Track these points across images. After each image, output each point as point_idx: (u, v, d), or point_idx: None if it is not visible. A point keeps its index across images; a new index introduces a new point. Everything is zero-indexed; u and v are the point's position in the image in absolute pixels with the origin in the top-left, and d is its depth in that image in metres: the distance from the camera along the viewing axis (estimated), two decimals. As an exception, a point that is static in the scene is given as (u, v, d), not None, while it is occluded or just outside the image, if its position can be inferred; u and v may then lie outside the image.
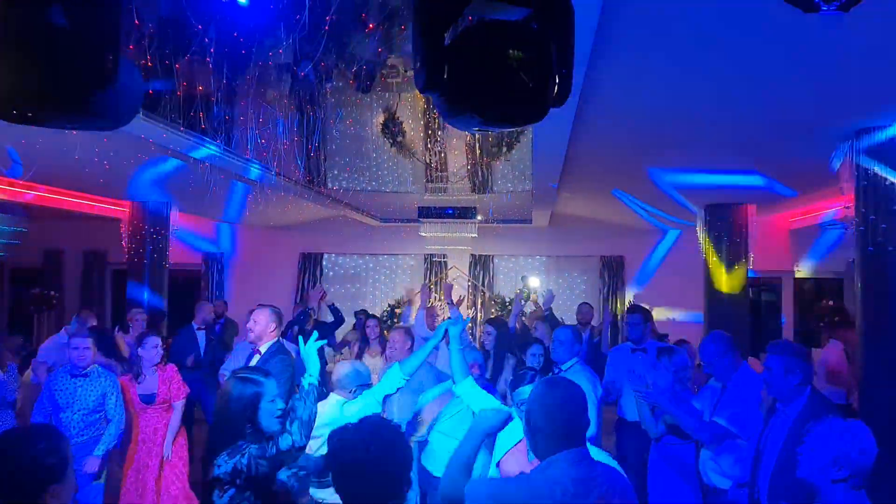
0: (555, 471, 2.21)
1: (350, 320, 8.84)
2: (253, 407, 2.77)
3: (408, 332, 5.58)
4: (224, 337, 8.42)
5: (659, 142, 5.57)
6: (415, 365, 3.77)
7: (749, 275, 8.68)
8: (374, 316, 8.07)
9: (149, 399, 5.30)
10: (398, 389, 3.76)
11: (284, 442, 2.76)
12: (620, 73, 4.01)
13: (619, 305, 11.99)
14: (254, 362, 4.51)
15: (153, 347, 5.34)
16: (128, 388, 5.29)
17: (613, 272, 12.30)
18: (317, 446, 3.39)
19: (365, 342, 7.51)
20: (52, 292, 11.41)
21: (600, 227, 11.57)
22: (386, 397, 3.74)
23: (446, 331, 3.55)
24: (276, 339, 4.60)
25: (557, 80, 1.89)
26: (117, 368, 5.74)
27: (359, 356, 7.23)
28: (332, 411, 3.65)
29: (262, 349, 4.54)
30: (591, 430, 2.97)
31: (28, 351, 7.51)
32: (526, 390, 3.10)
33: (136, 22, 4.23)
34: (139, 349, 5.35)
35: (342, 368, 3.91)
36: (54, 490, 1.89)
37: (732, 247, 8.51)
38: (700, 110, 4.73)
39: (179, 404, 5.45)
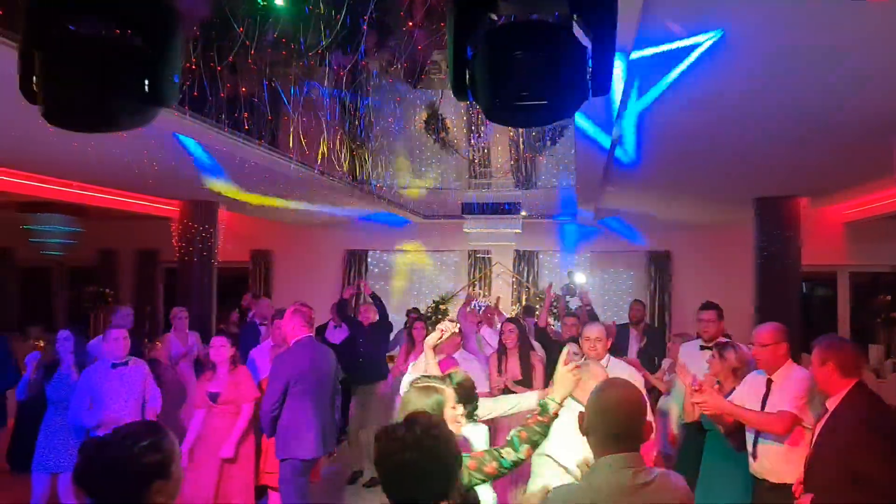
0: (603, 475, 2.18)
1: (400, 318, 8.91)
2: (438, 414, 2.77)
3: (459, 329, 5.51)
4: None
5: (709, 129, 5.43)
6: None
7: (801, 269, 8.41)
8: (421, 318, 7.94)
9: (213, 397, 5.34)
10: None
11: None
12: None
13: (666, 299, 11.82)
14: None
15: (221, 346, 5.47)
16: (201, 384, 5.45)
17: (660, 267, 12.07)
18: None
19: (412, 344, 7.21)
20: (108, 290, 11.79)
21: (647, 221, 11.36)
22: None
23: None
24: (306, 335, 4.79)
25: (592, 70, 1.86)
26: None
27: (405, 358, 7.08)
28: None
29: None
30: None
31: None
32: None
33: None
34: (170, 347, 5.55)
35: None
36: (159, 487, 1.89)
37: (784, 241, 8.22)
38: (753, 98, 4.59)
39: (247, 407, 5.36)
